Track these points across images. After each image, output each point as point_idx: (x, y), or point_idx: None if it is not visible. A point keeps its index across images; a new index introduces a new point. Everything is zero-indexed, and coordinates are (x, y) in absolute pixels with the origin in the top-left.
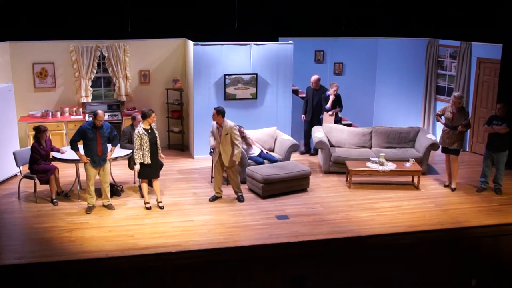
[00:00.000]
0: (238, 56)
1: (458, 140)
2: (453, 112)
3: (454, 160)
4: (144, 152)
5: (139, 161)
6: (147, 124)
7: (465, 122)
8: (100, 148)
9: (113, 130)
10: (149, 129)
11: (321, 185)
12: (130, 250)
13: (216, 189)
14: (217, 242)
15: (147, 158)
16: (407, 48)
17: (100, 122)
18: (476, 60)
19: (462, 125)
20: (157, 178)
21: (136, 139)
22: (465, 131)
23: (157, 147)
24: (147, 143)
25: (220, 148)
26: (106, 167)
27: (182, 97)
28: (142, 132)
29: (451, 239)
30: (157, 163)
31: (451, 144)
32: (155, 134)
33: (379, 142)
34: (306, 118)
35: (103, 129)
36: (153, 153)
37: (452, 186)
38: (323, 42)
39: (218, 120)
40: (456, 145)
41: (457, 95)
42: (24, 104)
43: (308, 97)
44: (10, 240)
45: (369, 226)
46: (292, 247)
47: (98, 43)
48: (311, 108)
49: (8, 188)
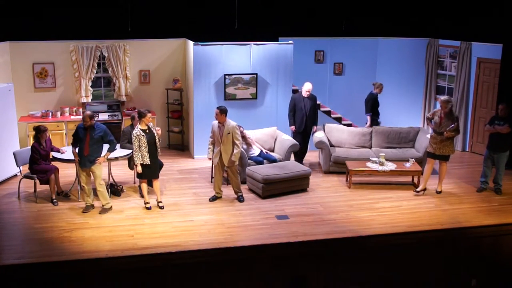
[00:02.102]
0: (238, 56)
1: (446, 146)
2: (441, 116)
3: (443, 164)
4: (142, 153)
5: (139, 162)
6: (144, 125)
7: (453, 127)
8: (87, 148)
9: (108, 134)
10: (146, 130)
11: (321, 185)
12: (130, 250)
13: (216, 189)
14: (217, 242)
15: (146, 159)
16: (407, 48)
17: (86, 123)
18: (476, 60)
19: (447, 131)
20: (157, 178)
21: (134, 140)
22: (452, 136)
23: (156, 147)
24: (145, 143)
25: (221, 148)
26: (95, 171)
27: (182, 97)
28: (140, 133)
29: (451, 239)
30: (156, 163)
31: (439, 150)
32: (153, 134)
33: (379, 142)
34: (297, 129)
35: (95, 130)
36: (152, 153)
37: (438, 189)
38: (323, 42)
39: (221, 119)
40: (443, 151)
41: (443, 98)
42: (24, 104)
43: (299, 106)
44: (10, 240)
45: (369, 226)
46: (292, 247)
47: (98, 43)
48: (304, 117)
49: (8, 188)
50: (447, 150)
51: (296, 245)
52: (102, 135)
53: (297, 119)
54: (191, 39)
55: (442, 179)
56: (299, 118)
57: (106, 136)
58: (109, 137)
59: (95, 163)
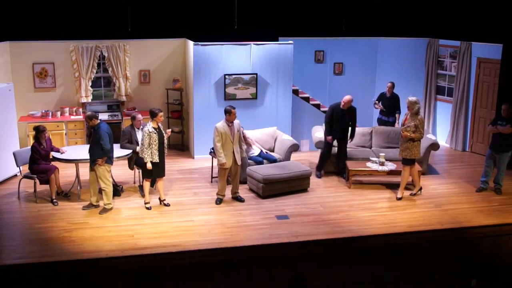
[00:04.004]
0: (238, 56)
1: (407, 148)
2: (406, 117)
3: (404, 169)
4: (152, 150)
5: (149, 159)
6: (156, 124)
7: (409, 126)
8: (90, 148)
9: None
10: (157, 128)
11: (321, 185)
12: (130, 250)
13: (223, 192)
14: (217, 242)
15: (155, 156)
16: (407, 48)
17: (88, 124)
18: (476, 60)
19: (403, 129)
20: (163, 177)
21: (145, 137)
22: (412, 138)
23: (164, 147)
24: (156, 141)
25: (233, 148)
26: (97, 171)
27: (182, 97)
28: (152, 131)
29: (451, 239)
30: (163, 162)
31: (402, 152)
32: (163, 133)
33: (379, 142)
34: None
35: (95, 131)
36: (160, 152)
37: (398, 196)
38: (323, 42)
39: (233, 118)
40: (404, 154)
41: (411, 99)
42: (24, 104)
43: (336, 117)
44: (10, 240)
45: (369, 226)
46: (292, 247)
47: (98, 43)
48: (341, 127)
49: (8, 188)
50: (409, 153)
51: (296, 245)
52: (97, 138)
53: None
54: (191, 39)
55: (404, 185)
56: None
57: (100, 139)
58: (101, 141)
59: (95, 164)
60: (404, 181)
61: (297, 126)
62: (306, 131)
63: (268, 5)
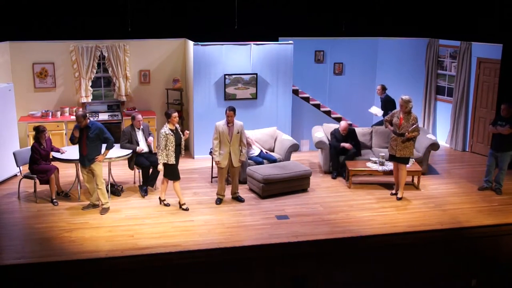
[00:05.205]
0: (238, 56)
1: (406, 147)
2: (400, 117)
3: (401, 168)
4: (169, 152)
5: (163, 161)
6: (172, 125)
7: (414, 127)
8: (84, 148)
9: (103, 132)
10: (174, 130)
11: (321, 185)
12: (130, 250)
13: (222, 192)
14: (217, 242)
15: (172, 158)
16: (407, 48)
17: (80, 124)
18: (476, 60)
19: (409, 132)
20: (179, 180)
21: (161, 139)
22: (414, 137)
23: (181, 148)
24: (173, 143)
25: (230, 149)
26: (95, 169)
27: (182, 97)
28: (169, 132)
29: (451, 239)
30: (177, 164)
31: (399, 152)
32: (180, 135)
33: (379, 142)
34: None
35: (90, 129)
36: (176, 154)
37: (398, 196)
38: (323, 42)
39: (233, 119)
40: (403, 153)
41: (404, 98)
42: (24, 104)
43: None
44: (10, 240)
45: (369, 226)
46: (292, 247)
47: (98, 43)
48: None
49: (8, 188)
50: (407, 152)
51: (296, 245)
52: (97, 133)
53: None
54: (191, 39)
55: (403, 184)
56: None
57: (101, 134)
58: (105, 134)
59: (94, 161)
60: (402, 181)
61: (297, 126)
62: (306, 131)
63: (268, 5)
